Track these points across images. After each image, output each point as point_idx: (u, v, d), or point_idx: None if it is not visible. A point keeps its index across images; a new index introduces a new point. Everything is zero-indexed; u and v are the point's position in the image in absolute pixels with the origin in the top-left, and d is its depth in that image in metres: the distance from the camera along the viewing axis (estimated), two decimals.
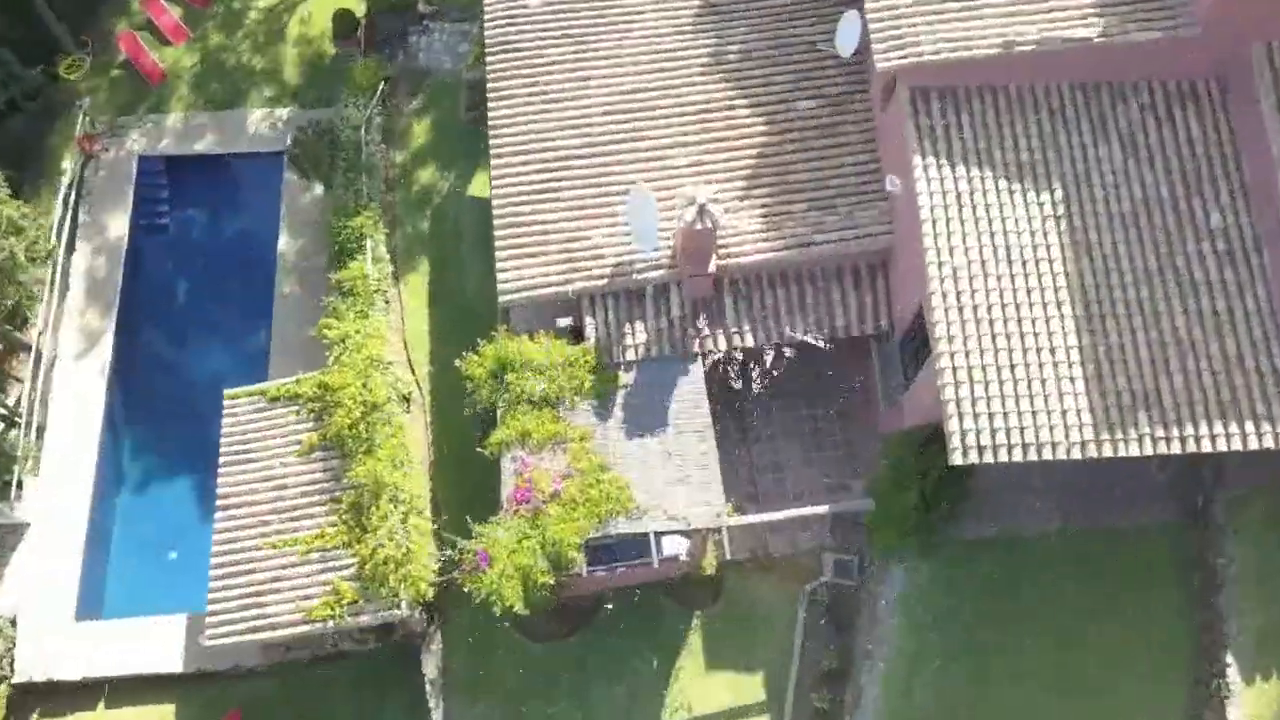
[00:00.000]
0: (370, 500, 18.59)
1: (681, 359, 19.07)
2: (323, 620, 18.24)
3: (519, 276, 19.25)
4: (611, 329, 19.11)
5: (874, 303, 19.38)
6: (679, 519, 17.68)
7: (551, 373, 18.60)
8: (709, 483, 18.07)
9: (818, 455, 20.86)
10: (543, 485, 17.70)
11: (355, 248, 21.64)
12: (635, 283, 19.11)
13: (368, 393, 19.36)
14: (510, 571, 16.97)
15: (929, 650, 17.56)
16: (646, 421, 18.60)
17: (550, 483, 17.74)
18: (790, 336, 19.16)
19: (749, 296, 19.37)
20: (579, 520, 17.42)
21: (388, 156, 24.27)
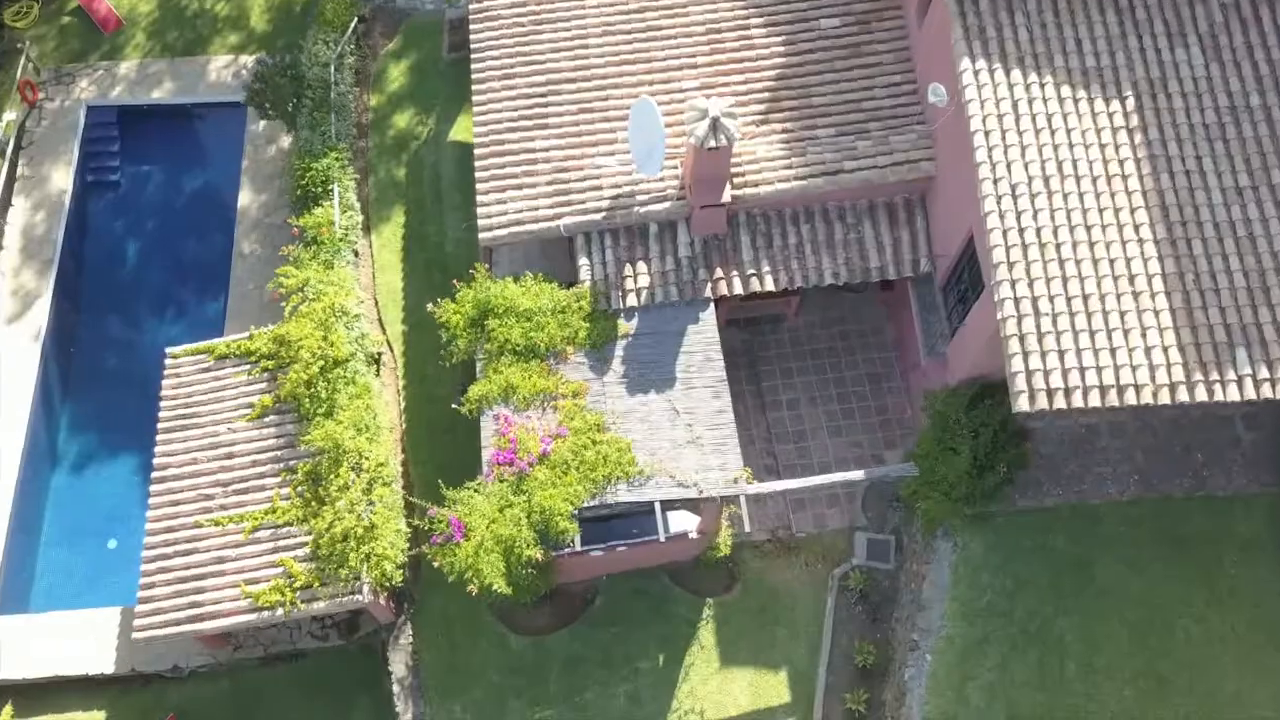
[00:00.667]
0: (329, 468, 15.92)
1: (691, 304, 16.49)
2: (271, 607, 15.53)
3: (502, 211, 16.72)
4: (610, 271, 16.54)
5: (912, 241, 16.85)
6: (689, 485, 15.02)
7: (540, 319, 16.01)
8: (724, 444, 15.44)
9: (846, 423, 18.23)
10: (529, 446, 15.06)
11: (320, 192, 19.13)
12: (637, 217, 16.56)
13: (328, 346, 16.75)
14: (490, 544, 14.29)
15: (986, 642, 14.83)
16: (651, 375, 15.99)
17: (538, 443, 15.10)
18: (817, 278, 16.62)
19: (768, 234, 16.83)
20: (571, 486, 14.77)
21: (360, 100, 21.81)
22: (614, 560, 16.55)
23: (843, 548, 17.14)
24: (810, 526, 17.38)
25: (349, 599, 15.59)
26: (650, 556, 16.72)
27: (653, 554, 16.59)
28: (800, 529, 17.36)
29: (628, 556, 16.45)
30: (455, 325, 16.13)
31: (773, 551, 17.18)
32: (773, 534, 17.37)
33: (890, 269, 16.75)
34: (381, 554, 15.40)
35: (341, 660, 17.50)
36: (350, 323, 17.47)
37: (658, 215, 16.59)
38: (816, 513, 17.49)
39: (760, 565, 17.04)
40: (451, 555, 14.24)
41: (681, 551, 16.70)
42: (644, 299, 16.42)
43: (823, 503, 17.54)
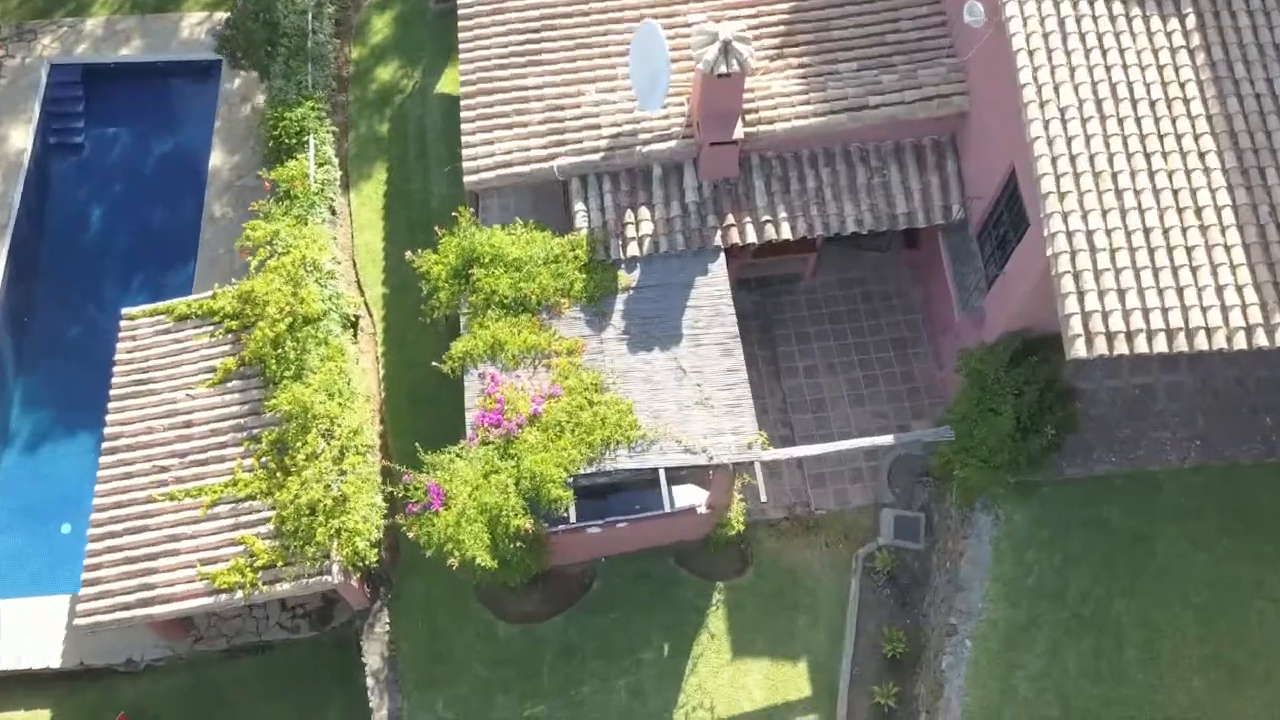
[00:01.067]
0: (296, 436, 14.28)
1: (699, 254, 14.88)
2: (230, 590, 13.85)
3: (489, 152, 15.13)
4: (609, 218, 14.93)
5: (943, 185, 15.25)
6: (697, 451, 13.37)
7: (531, 269, 14.40)
8: (737, 406, 13.79)
9: (869, 391, 16.58)
10: (518, 406, 13.42)
11: (295, 144, 17.54)
12: (639, 158, 14.97)
13: (298, 302, 15.13)
14: (472, 513, 12.63)
15: (1034, 626, 13.16)
16: (654, 331, 14.36)
17: (528, 403, 13.46)
18: (838, 225, 15.01)
19: (785, 178, 15.22)
20: (565, 451, 13.11)
21: (340, 51, 20.29)
22: (614, 539, 14.89)
23: (867, 526, 15.47)
24: (831, 503, 15.72)
25: (317, 580, 13.91)
26: (654, 535, 15.06)
27: (657, 532, 14.93)
28: (820, 506, 15.69)
29: (629, 535, 14.80)
30: (436, 277, 14.52)
31: (790, 530, 15.51)
32: (790, 511, 15.70)
33: (919, 215, 15.14)
34: (353, 529, 13.73)
35: (313, 653, 15.82)
36: (323, 279, 15.86)
37: (662, 156, 14.99)
38: (838, 488, 15.82)
39: (776, 546, 15.37)
40: (429, 525, 12.58)
41: (689, 529, 15.04)
42: (647, 248, 14.81)
43: (845, 477, 15.88)
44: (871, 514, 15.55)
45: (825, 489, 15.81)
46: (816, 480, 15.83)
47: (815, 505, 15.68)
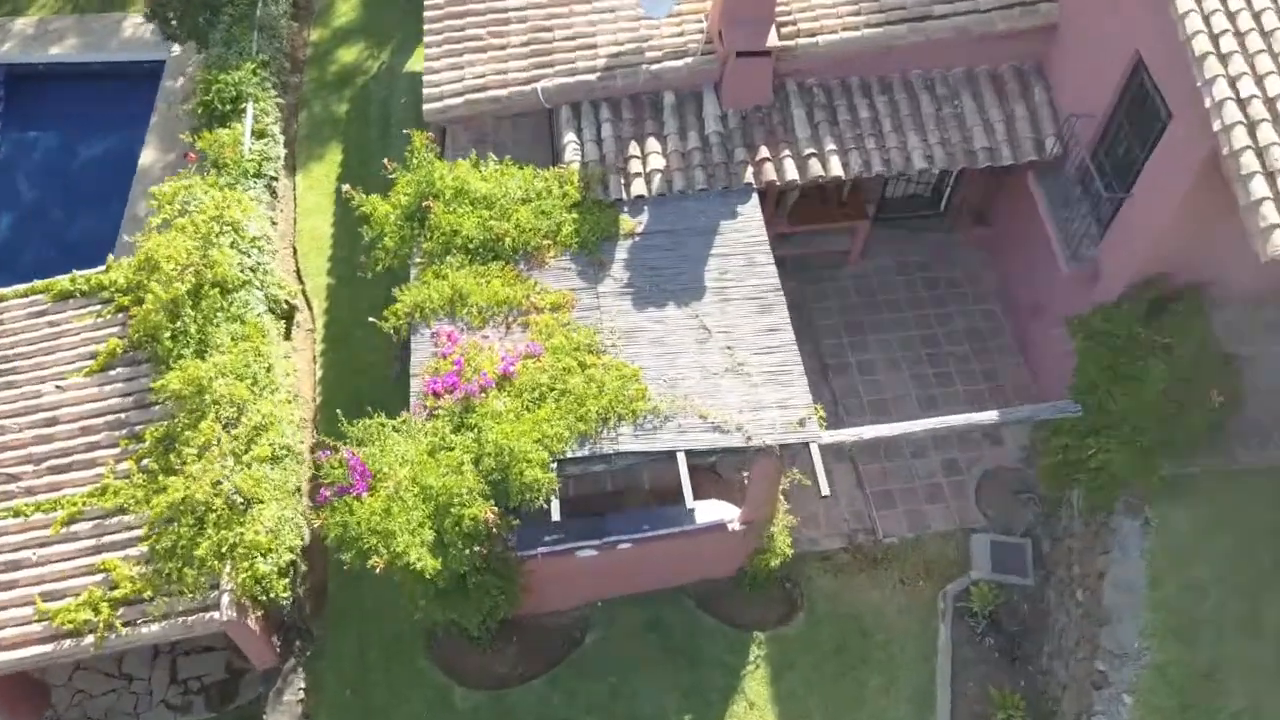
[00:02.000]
0: (186, 424, 10.60)
1: (725, 195, 11.54)
2: (77, 633, 9.89)
3: (458, 77, 12.00)
4: (607, 150, 11.67)
5: (1031, 117, 12.04)
6: (729, 429, 9.67)
7: (505, 205, 11.03)
8: (781, 373, 10.17)
9: (941, 391, 12.93)
10: (482, 365, 9.80)
11: (229, 111, 14.46)
12: (646, 80, 11.83)
13: (206, 265, 11.69)
14: (410, 498, 8.82)
15: (1219, 671, 9.12)
16: (668, 285, 10.87)
17: (496, 362, 9.85)
18: (902, 162, 11.73)
19: (830, 108, 12.03)
20: (548, 423, 9.42)
21: (299, 35, 17.53)
22: (614, 572, 11.01)
23: (953, 558, 11.57)
24: (903, 529, 11.85)
25: (199, 619, 9.95)
26: (668, 565, 11.17)
27: (673, 560, 11.05)
28: (889, 533, 11.82)
29: (635, 564, 10.93)
30: (383, 220, 11.13)
31: (851, 564, 11.59)
32: (849, 540, 11.82)
33: (1003, 151, 11.85)
34: (254, 544, 9.87)
35: None
36: (246, 246, 12.46)
37: (674, 78, 11.86)
38: (911, 510, 11.99)
39: (833, 584, 11.43)
40: (345, 514, 8.77)
41: (716, 558, 11.16)
42: (657, 187, 11.48)
43: (919, 496, 12.07)
44: (958, 542, 11.67)
45: (894, 511, 11.98)
46: (883, 500, 12.02)
47: (883, 532, 11.81)
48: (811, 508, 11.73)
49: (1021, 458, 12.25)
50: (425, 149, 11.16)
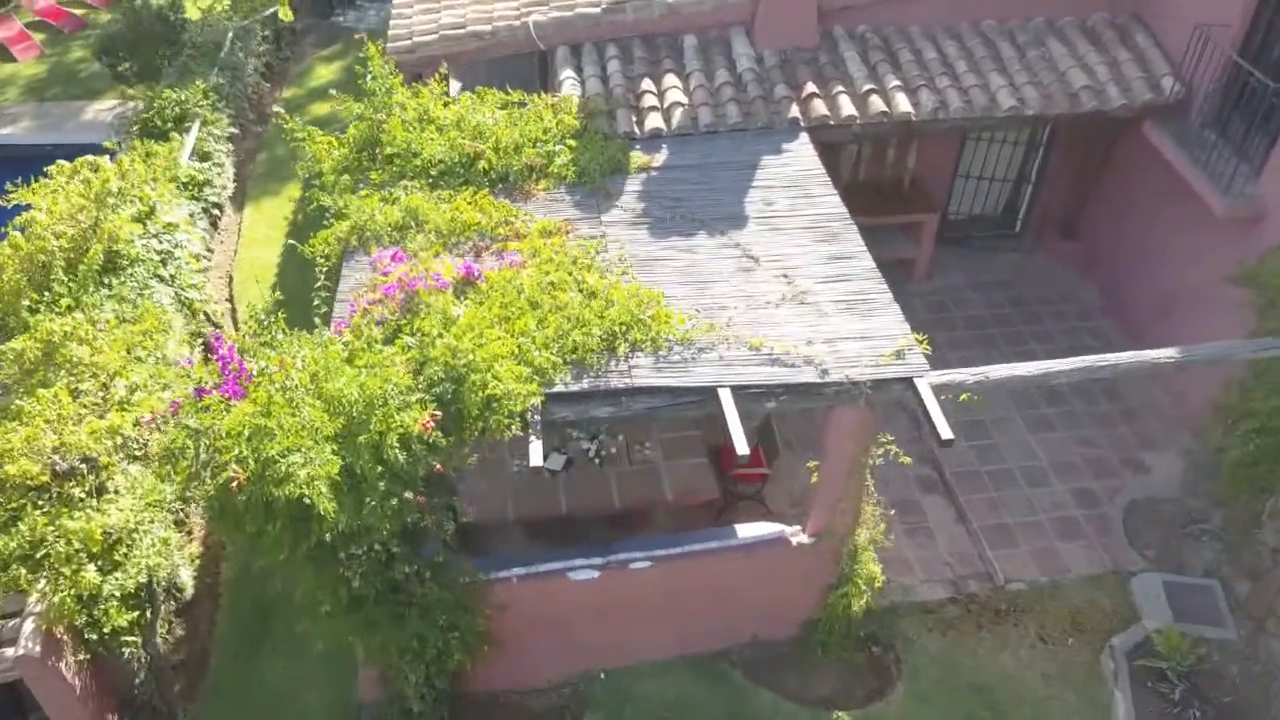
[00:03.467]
0: (25, 386, 7.57)
1: (763, 133, 9.01)
2: None
3: (433, 19, 9.81)
4: (615, 86, 9.27)
5: (1139, 60, 9.73)
6: (793, 362, 6.60)
7: (480, 125, 8.48)
8: (862, 300, 7.22)
9: (1056, 411, 9.87)
10: (432, 268, 6.88)
11: (171, 128, 12.29)
12: (661, 16, 9.63)
13: (97, 235, 9.00)
14: (310, 410, 5.62)
15: None
16: (697, 214, 8.10)
17: (455, 269, 6.92)
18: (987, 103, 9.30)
19: (889, 51, 9.76)
20: (529, 338, 6.39)
21: (269, 94, 15.78)
22: (624, 616, 7.51)
23: (1109, 606, 8.10)
24: (1032, 572, 8.42)
25: None
26: (703, 610, 7.66)
27: (709, 600, 7.57)
28: (1013, 577, 8.37)
29: (653, 605, 7.46)
30: (322, 153, 8.55)
31: (964, 619, 8.08)
32: (957, 588, 8.34)
33: (1111, 91, 9.44)
34: (84, 534, 6.54)
35: None
36: (158, 229, 9.81)
37: (695, 14, 9.67)
38: (1040, 549, 8.59)
39: (943, 645, 7.87)
40: (202, 418, 5.54)
41: (774, 601, 7.69)
42: (678, 122, 8.98)
43: (1046, 532, 8.71)
44: (1114, 586, 8.23)
45: (1016, 551, 8.58)
46: (998, 537, 8.65)
47: (1004, 576, 8.35)
48: (899, 549, 8.38)
49: (1181, 484, 9.00)
50: (383, 63, 8.74)
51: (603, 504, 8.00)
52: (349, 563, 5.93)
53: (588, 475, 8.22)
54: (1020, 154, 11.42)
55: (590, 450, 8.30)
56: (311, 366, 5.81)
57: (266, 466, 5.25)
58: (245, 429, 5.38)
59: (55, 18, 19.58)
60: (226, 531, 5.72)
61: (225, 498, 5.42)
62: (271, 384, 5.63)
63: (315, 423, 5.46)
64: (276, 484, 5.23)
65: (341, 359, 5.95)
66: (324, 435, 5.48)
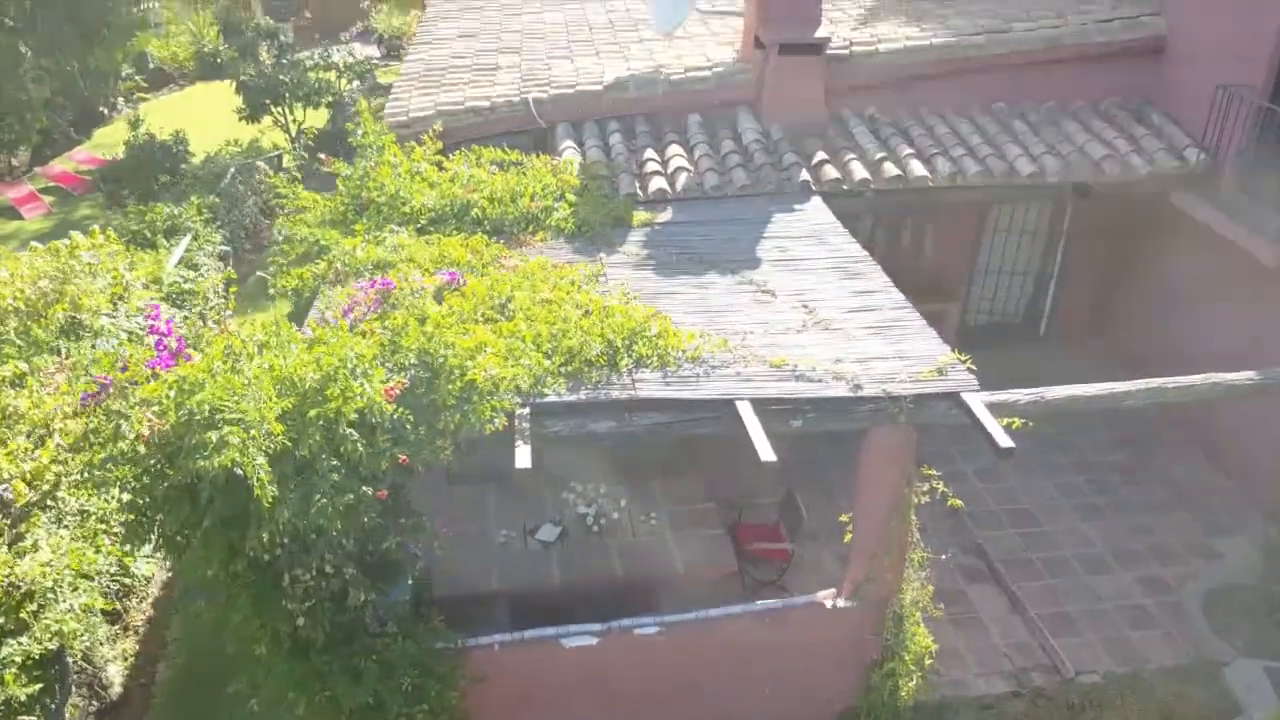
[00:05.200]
0: None
1: (774, 198, 8.55)
2: None
3: (432, 100, 9.59)
4: (617, 155, 8.91)
5: (1156, 132, 9.44)
6: (818, 378, 5.78)
7: (475, 177, 8.03)
8: (897, 324, 6.49)
9: (1104, 500, 8.92)
10: (408, 274, 6.18)
11: (160, 239, 11.97)
12: (665, 93, 9.42)
13: (59, 299, 8.39)
14: (257, 375, 4.76)
15: None
16: (708, 257, 7.49)
17: (437, 276, 6.21)
18: (1004, 171, 8.90)
19: (902, 130, 9.47)
20: (518, 339, 5.60)
21: (266, 229, 15.62)
22: (627, 704, 6.29)
23: (1202, 698, 6.84)
24: (1105, 663, 7.19)
25: None
26: (722, 695, 6.42)
27: (729, 683, 6.37)
28: (1083, 667, 7.14)
29: (661, 688, 6.27)
30: (309, 207, 8.06)
31: (1032, 714, 6.80)
32: (1018, 681, 7.10)
33: (1136, 162, 9.05)
34: None
35: None
36: (129, 311, 9.19)
37: (700, 93, 9.46)
38: (1110, 639, 7.41)
39: None
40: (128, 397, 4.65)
41: (807, 683, 6.47)
42: (683, 185, 8.53)
43: (1114, 621, 7.56)
44: (1204, 678, 6.99)
45: (1082, 640, 7.39)
46: (1061, 627, 7.48)
47: (1074, 668, 7.12)
48: (947, 640, 7.21)
49: (1261, 570, 7.91)
50: (374, 119, 8.39)
51: (602, 575, 6.92)
52: (293, 590, 4.90)
53: (586, 546, 7.18)
54: (1041, 246, 10.95)
55: (588, 516, 7.29)
56: (262, 337, 5.01)
57: (191, 423, 4.35)
58: (170, 387, 4.52)
59: (68, 182, 19.80)
60: (140, 533, 4.70)
61: (140, 482, 4.48)
62: (212, 350, 4.81)
63: (259, 387, 4.60)
64: (204, 453, 4.31)
65: (299, 340, 5.15)
66: (268, 408, 4.60)
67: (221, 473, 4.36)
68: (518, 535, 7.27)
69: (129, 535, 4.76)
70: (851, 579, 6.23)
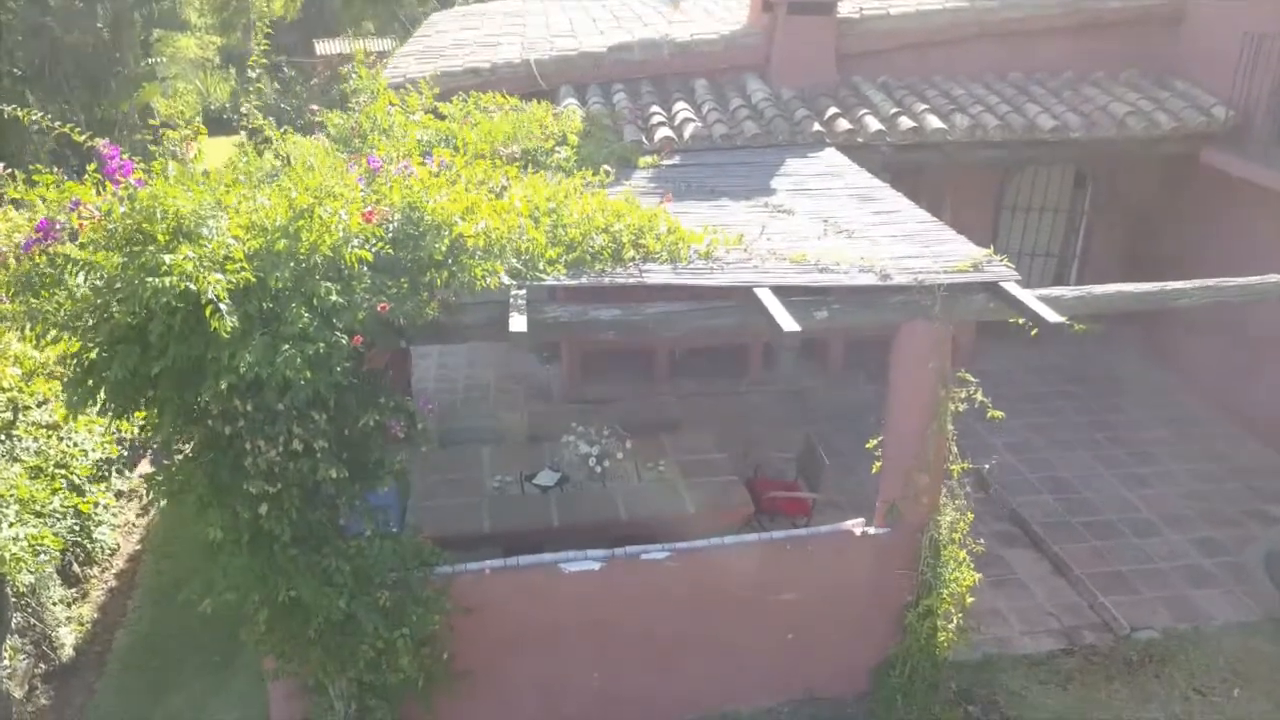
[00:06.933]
0: None
1: (785, 149, 8.15)
2: None
3: (430, 65, 9.28)
4: (621, 108, 8.55)
5: (1180, 95, 9.10)
6: (846, 270, 5.27)
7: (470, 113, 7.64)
8: (921, 232, 5.99)
9: (1150, 471, 8.29)
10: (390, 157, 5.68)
11: None
12: (671, 55, 9.12)
13: None
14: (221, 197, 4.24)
15: None
16: (719, 187, 7.03)
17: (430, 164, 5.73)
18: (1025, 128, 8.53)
19: (917, 90, 9.14)
20: (513, 215, 5.10)
21: None
22: (632, 643, 5.61)
23: (1272, 653, 6.11)
24: (1164, 619, 6.49)
25: None
26: (739, 641, 5.72)
27: (748, 625, 5.67)
28: (1139, 624, 6.44)
29: (672, 620, 5.59)
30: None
31: (1085, 670, 6.09)
32: (1068, 639, 6.39)
33: (1161, 119, 8.69)
34: None
35: None
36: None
37: (707, 55, 9.16)
38: (1169, 597, 6.74)
39: (1064, 701, 5.87)
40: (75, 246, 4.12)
41: (836, 633, 5.77)
42: (690, 134, 8.14)
43: (1172, 580, 6.88)
44: (1274, 633, 6.28)
45: (1137, 598, 6.69)
46: (1112, 585, 6.79)
47: (1128, 625, 6.42)
48: (986, 600, 6.54)
49: None
50: (367, 64, 8.03)
51: (605, 518, 6.27)
52: (256, 465, 4.30)
53: (587, 492, 6.56)
54: (1063, 224, 10.52)
55: (591, 457, 6.67)
56: (228, 177, 4.52)
57: (140, 230, 3.83)
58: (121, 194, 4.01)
59: None
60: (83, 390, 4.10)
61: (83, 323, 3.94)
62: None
63: (220, 199, 4.10)
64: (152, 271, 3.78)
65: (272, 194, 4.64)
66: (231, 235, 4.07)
67: (173, 301, 3.82)
68: (514, 481, 6.65)
69: (70, 394, 4.18)
70: (883, 499, 5.59)
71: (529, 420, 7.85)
